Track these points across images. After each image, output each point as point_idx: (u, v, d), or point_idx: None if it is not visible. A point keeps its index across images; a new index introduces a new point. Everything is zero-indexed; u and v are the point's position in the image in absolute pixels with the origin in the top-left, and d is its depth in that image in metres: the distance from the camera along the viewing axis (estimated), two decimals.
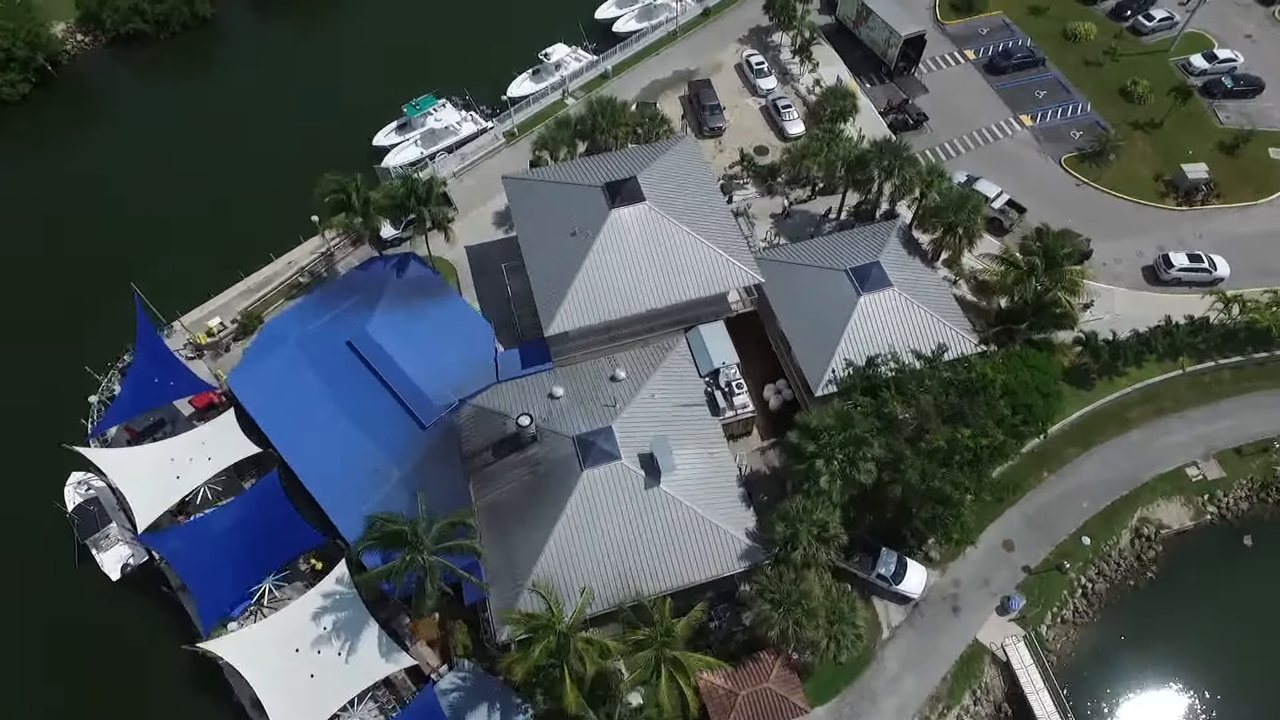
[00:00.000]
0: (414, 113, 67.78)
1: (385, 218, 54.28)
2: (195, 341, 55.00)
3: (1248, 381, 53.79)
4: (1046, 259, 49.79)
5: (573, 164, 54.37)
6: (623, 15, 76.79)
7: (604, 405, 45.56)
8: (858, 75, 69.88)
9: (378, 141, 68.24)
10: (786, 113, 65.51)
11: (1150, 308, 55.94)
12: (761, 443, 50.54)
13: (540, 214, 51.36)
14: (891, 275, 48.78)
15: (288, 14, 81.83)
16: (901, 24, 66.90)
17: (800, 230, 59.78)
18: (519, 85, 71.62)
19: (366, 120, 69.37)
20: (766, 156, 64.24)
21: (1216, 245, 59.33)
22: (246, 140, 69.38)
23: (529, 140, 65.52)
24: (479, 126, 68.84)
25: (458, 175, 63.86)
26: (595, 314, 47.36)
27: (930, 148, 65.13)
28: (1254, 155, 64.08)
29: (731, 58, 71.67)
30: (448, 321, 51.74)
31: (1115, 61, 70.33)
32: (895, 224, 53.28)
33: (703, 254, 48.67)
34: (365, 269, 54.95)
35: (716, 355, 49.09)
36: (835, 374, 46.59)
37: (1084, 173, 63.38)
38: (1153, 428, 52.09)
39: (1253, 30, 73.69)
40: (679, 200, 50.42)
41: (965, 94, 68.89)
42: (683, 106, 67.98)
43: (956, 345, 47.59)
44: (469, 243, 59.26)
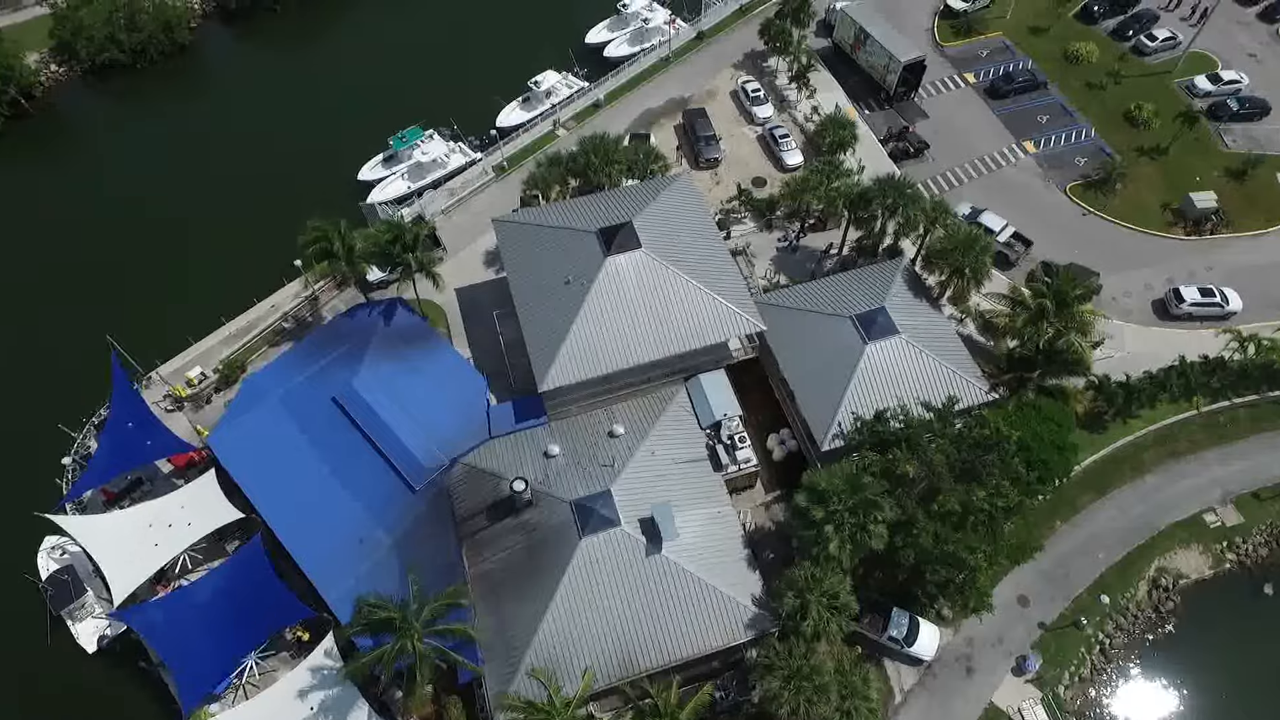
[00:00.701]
0: (400, 145, 65.72)
1: (371, 264, 52.19)
2: (175, 394, 52.84)
3: (1264, 421, 52.27)
4: (1057, 301, 48.09)
5: (565, 205, 52.41)
6: (614, 39, 74.93)
7: (602, 465, 43.65)
8: (856, 101, 68.17)
9: (363, 176, 66.13)
10: (784, 143, 63.70)
11: (1161, 345, 54.39)
12: (765, 496, 48.74)
13: (532, 260, 49.38)
14: (898, 321, 47.03)
15: (269, 41, 79.60)
16: (900, 49, 65.18)
17: (801, 266, 58.02)
18: (509, 114, 69.70)
19: (351, 152, 67.25)
20: (764, 189, 62.46)
21: (1227, 276, 57.85)
22: (227, 174, 67.10)
23: (519, 173, 63.68)
24: (468, 158, 66.81)
25: (446, 213, 61.81)
26: (591, 368, 45.44)
27: (932, 176, 63.50)
28: (1263, 180, 62.63)
29: (726, 84, 69.83)
30: (437, 373, 49.69)
31: (1118, 84, 68.80)
32: (900, 263, 51.55)
33: (702, 302, 46.80)
34: (350, 316, 52.81)
35: (718, 407, 47.22)
36: (842, 428, 44.80)
37: (1090, 202, 61.78)
38: (1168, 471, 50.52)
39: (1256, 49, 72.30)
40: (676, 245, 48.55)
41: (966, 119, 67.24)
42: (677, 136, 66.10)
43: (967, 394, 45.98)
44: (459, 284, 57.26)
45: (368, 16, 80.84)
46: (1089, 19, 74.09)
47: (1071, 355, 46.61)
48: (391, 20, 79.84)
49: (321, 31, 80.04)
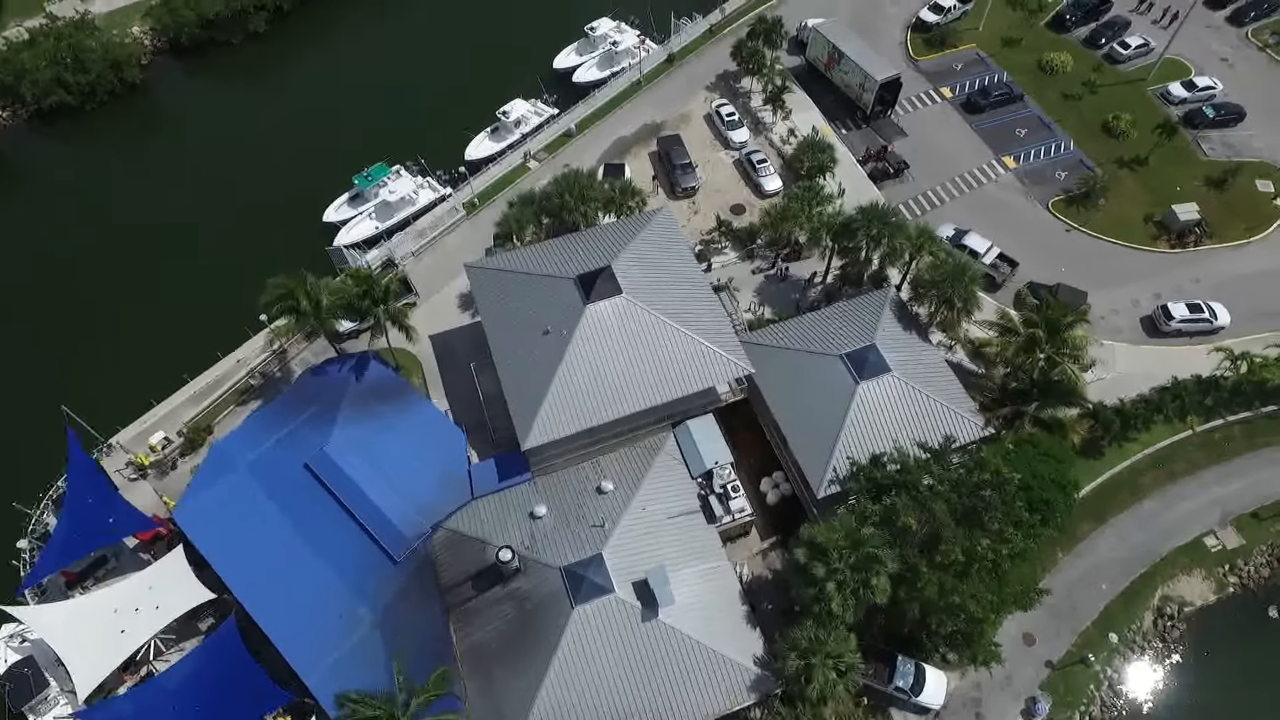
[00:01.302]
0: (366, 184, 63.34)
1: (340, 319, 49.89)
2: (137, 462, 50.26)
3: (1259, 437, 51.62)
4: (1049, 328, 47.03)
5: (541, 247, 50.47)
6: (583, 64, 73.08)
7: (592, 526, 41.87)
8: (833, 120, 66.90)
9: (329, 217, 63.68)
10: (762, 168, 62.21)
11: (1153, 363, 53.62)
12: (761, 543, 47.18)
13: (509, 309, 47.46)
14: (889, 358, 45.69)
15: (225, 77, 76.74)
16: (876, 68, 63.98)
17: (785, 297, 56.57)
18: (477, 146, 67.63)
19: (315, 192, 64.76)
20: (744, 216, 60.99)
21: (1213, 289, 57.27)
22: (184, 220, 64.34)
23: (491, 210, 61.63)
24: (437, 194, 64.61)
25: (417, 254, 59.62)
26: (575, 421, 43.60)
27: (913, 197, 62.38)
28: (1242, 188, 62.20)
29: (700, 107, 68.25)
30: (415, 431, 47.59)
31: (1094, 94, 68.15)
32: (887, 294, 50.24)
33: (688, 347, 45.14)
34: (320, 373, 50.54)
35: (708, 455, 45.63)
36: (837, 473, 43.36)
37: (1073, 217, 60.97)
38: (1166, 494, 49.70)
39: (1228, 53, 72.00)
40: (658, 287, 46.87)
41: (945, 136, 66.20)
42: (652, 164, 64.37)
43: (962, 430, 44.80)
44: (433, 330, 55.08)
45: (327, 48, 78.35)
46: (1061, 28, 73.46)
47: (1067, 385, 45.51)
48: (352, 52, 77.49)
49: (280, 65, 77.36)
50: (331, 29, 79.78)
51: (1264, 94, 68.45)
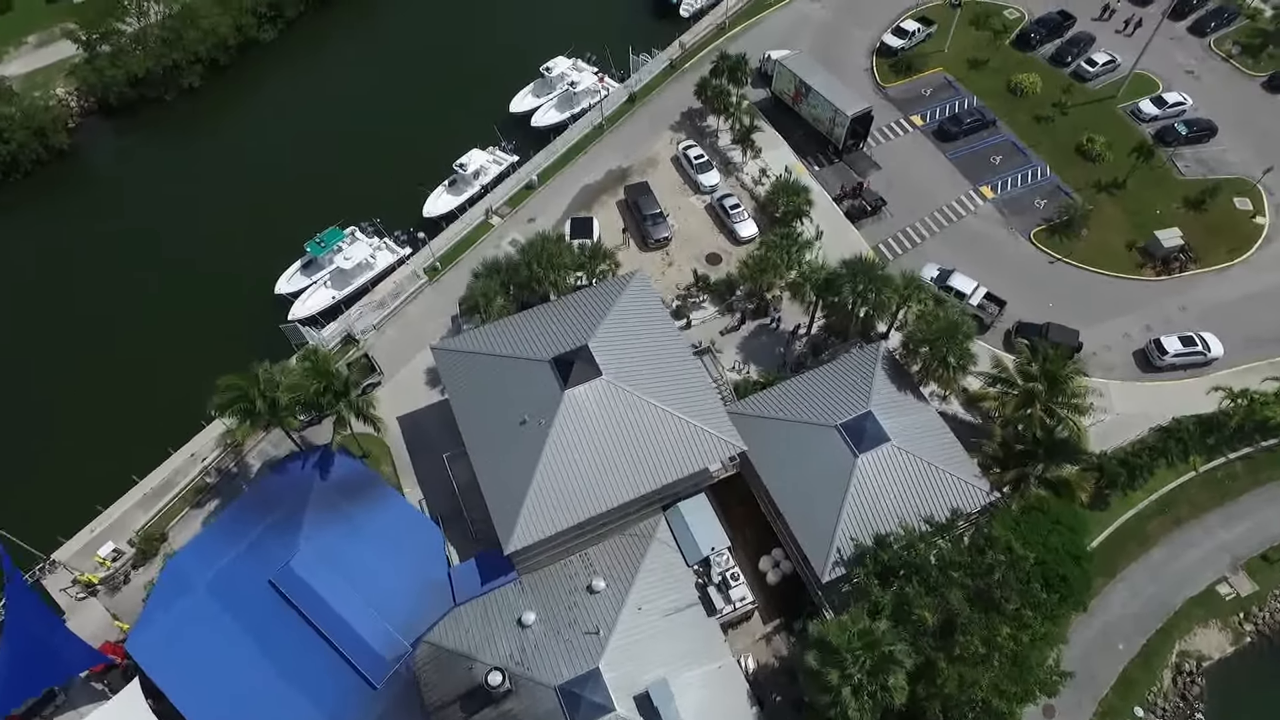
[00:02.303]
0: (319, 251, 59.63)
1: (299, 418, 46.27)
2: (84, 581, 46.19)
3: (1261, 473, 50.41)
4: (1048, 381, 45.21)
5: (511, 322, 47.29)
6: (540, 105, 70.01)
7: (585, 633, 38.92)
8: (804, 156, 64.68)
9: (281, 289, 59.76)
10: (736, 213, 59.70)
11: (1150, 401, 52.18)
12: (764, 627, 44.60)
13: (480, 396, 44.32)
14: (887, 425, 43.42)
15: (160, 137, 72.17)
16: (846, 102, 61.84)
17: (769, 351, 54.14)
18: (436, 201, 64.22)
19: (264, 261, 60.78)
20: (721, 265, 58.47)
21: (1202, 316, 56.06)
22: (122, 299, 60.05)
23: (455, 274, 58.45)
24: (396, 256, 61.14)
25: (378, 328, 56.07)
26: (560, 519, 40.58)
27: (893, 234, 60.38)
28: (1221, 208, 61.21)
29: (666, 149, 65.56)
30: (388, 531, 44.19)
31: (1065, 114, 66.83)
32: (878, 351, 47.91)
33: (676, 429, 42.40)
34: (282, 471, 46.85)
35: (704, 540, 42.97)
36: (841, 554, 40.97)
37: (1055, 247, 59.45)
38: (1174, 541, 48.23)
39: (1193, 65, 71.23)
40: (639, 363, 44.07)
41: (919, 167, 64.32)
42: (621, 214, 61.54)
43: (967, 499, 42.71)
44: (400, 411, 51.73)
45: (268, 102, 74.21)
46: (1026, 46, 72.09)
47: (1071, 442, 43.70)
48: (295, 105, 73.37)
49: (218, 122, 72.96)
50: (271, 81, 75.72)
51: (1232, 106, 67.76)
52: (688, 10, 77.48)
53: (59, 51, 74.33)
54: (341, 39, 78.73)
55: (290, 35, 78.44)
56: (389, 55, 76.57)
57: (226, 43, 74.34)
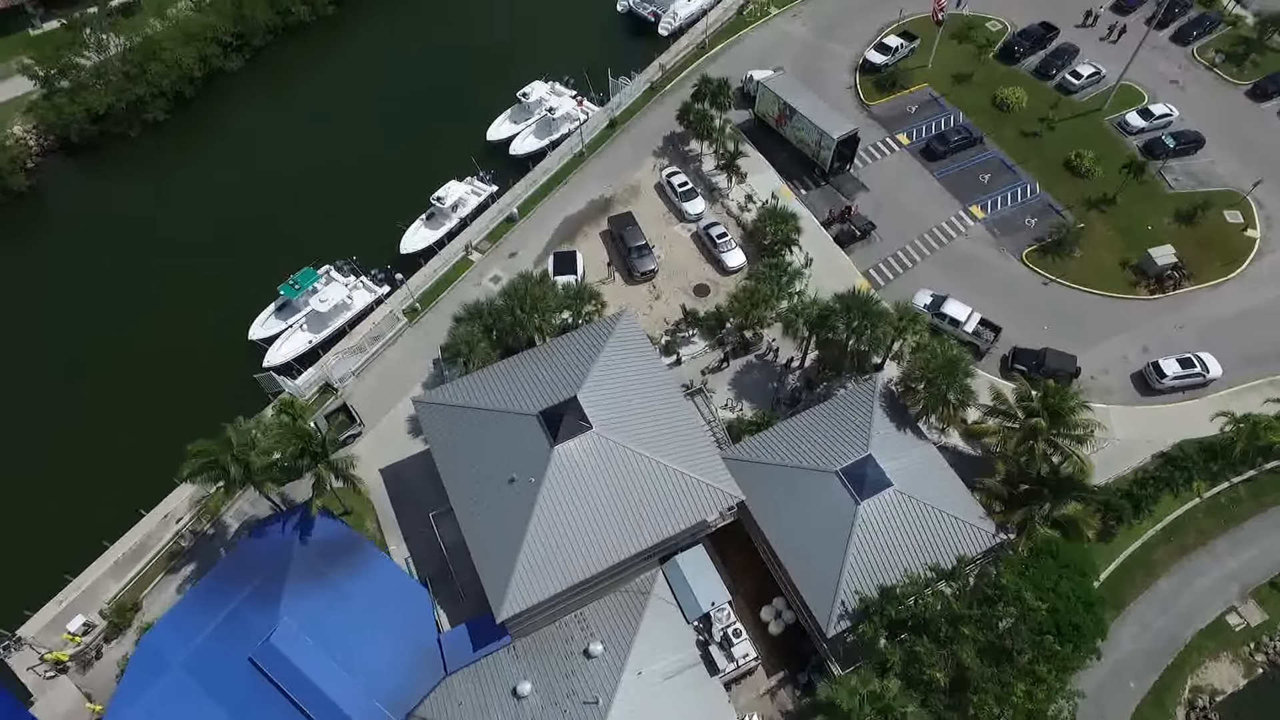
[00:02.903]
0: (294, 294, 57.49)
1: (272, 488, 44.04)
2: (52, 659, 43.91)
3: (1264, 495, 49.61)
4: (1051, 415, 44.07)
5: (496, 371, 45.49)
6: (519, 133, 68.21)
7: (585, 702, 37.30)
8: (790, 180, 63.28)
9: (255, 334, 57.56)
10: (723, 243, 58.18)
11: (1150, 426, 51.24)
12: (768, 681, 43.08)
13: (466, 452, 42.50)
14: (888, 468, 42.09)
15: (124, 175, 69.53)
16: (831, 124, 60.51)
17: (761, 387, 52.70)
18: (414, 236, 62.19)
19: (236, 306, 58.63)
20: (709, 297, 56.96)
21: (1198, 334, 55.23)
22: (89, 345, 57.69)
23: (434, 314, 56.65)
24: (373, 295, 59.18)
25: (357, 374, 54.07)
26: (554, 582, 38.82)
27: (883, 259, 59.10)
28: (1213, 222, 60.43)
29: (649, 176, 63.95)
30: (374, 596, 42.25)
31: (1052, 129, 65.87)
32: (875, 386, 46.59)
33: (671, 481, 40.80)
34: (260, 534, 44.80)
35: (703, 595, 41.45)
36: (846, 607, 39.55)
37: (1048, 268, 58.42)
38: (1181, 571, 47.28)
39: (1177, 74, 70.54)
40: (630, 413, 42.45)
41: (907, 188, 63.12)
42: (605, 246, 59.87)
43: (973, 543, 41.44)
44: (383, 463, 49.80)
45: (237, 136, 71.73)
46: (1010, 59, 71.13)
47: (1076, 478, 42.57)
48: (264, 138, 70.94)
49: (186, 157, 70.55)
50: (239, 113, 73.35)
51: (1218, 116, 67.12)
52: (666, 29, 75.96)
53: (15, 88, 71.70)
54: (311, 67, 76.52)
55: (258, 64, 76.14)
56: (360, 83, 74.50)
57: (191, 75, 71.95)
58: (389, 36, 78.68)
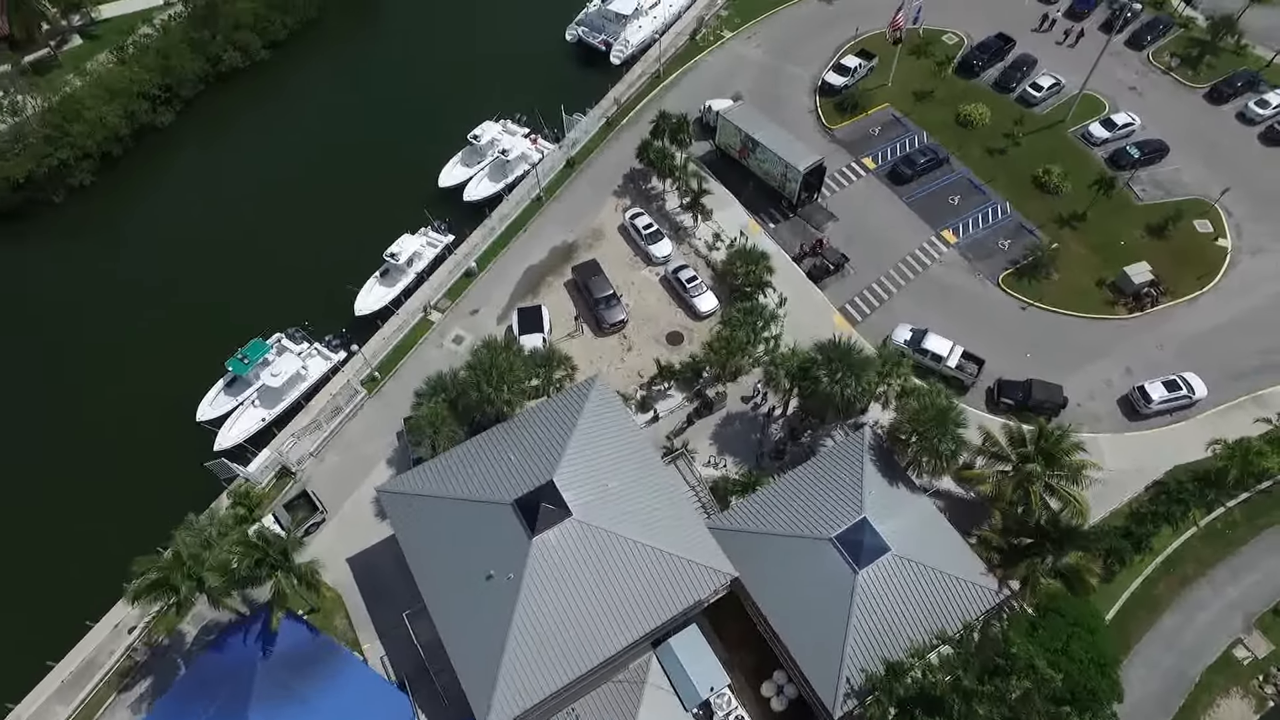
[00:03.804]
0: (244, 369, 54.03)
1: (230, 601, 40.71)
2: None
3: (1259, 518, 48.72)
4: (1045, 459, 42.63)
5: (465, 453, 42.67)
6: (472, 177, 65.24)
7: None
8: (757, 214, 61.29)
9: (203, 416, 53.86)
10: (693, 287, 55.96)
11: (1141, 453, 50.24)
12: None
13: (438, 546, 39.74)
14: (884, 530, 40.22)
15: (49, 243, 64.38)
16: (796, 156, 58.64)
17: (744, 437, 50.61)
18: (368, 296, 58.97)
19: (181, 385, 54.78)
20: (683, 345, 54.74)
21: (1179, 352, 54.45)
22: (19, 433, 53.42)
23: (395, 382, 53.66)
24: (330, 363, 55.87)
25: (316, 454, 50.81)
26: (541, 685, 36.27)
27: (858, 293, 57.39)
28: (1184, 233, 59.81)
29: (612, 217, 61.47)
30: (349, 707, 39.20)
31: (1017, 145, 64.85)
32: (863, 439, 44.70)
33: (659, 564, 38.49)
34: (220, 647, 41.36)
35: (701, 680, 39.19)
36: (851, 684, 37.57)
37: (1025, 292, 57.24)
38: (1183, 604, 46.17)
39: (1135, 80, 70.10)
40: (610, 492, 39.98)
41: (877, 215, 61.53)
42: (571, 295, 57.28)
43: (976, 603, 39.79)
44: (351, 551, 46.70)
45: (171, 195, 67.27)
46: (969, 73, 70.04)
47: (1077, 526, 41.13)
48: (201, 197, 66.56)
49: (117, 221, 66.17)
50: (172, 170, 69.17)
51: (1179, 122, 66.73)
52: (619, 58, 73.49)
53: None
54: (247, 117, 72.52)
55: (190, 117, 71.98)
56: (301, 131, 70.72)
57: (118, 133, 67.73)
58: (329, 80, 74.97)
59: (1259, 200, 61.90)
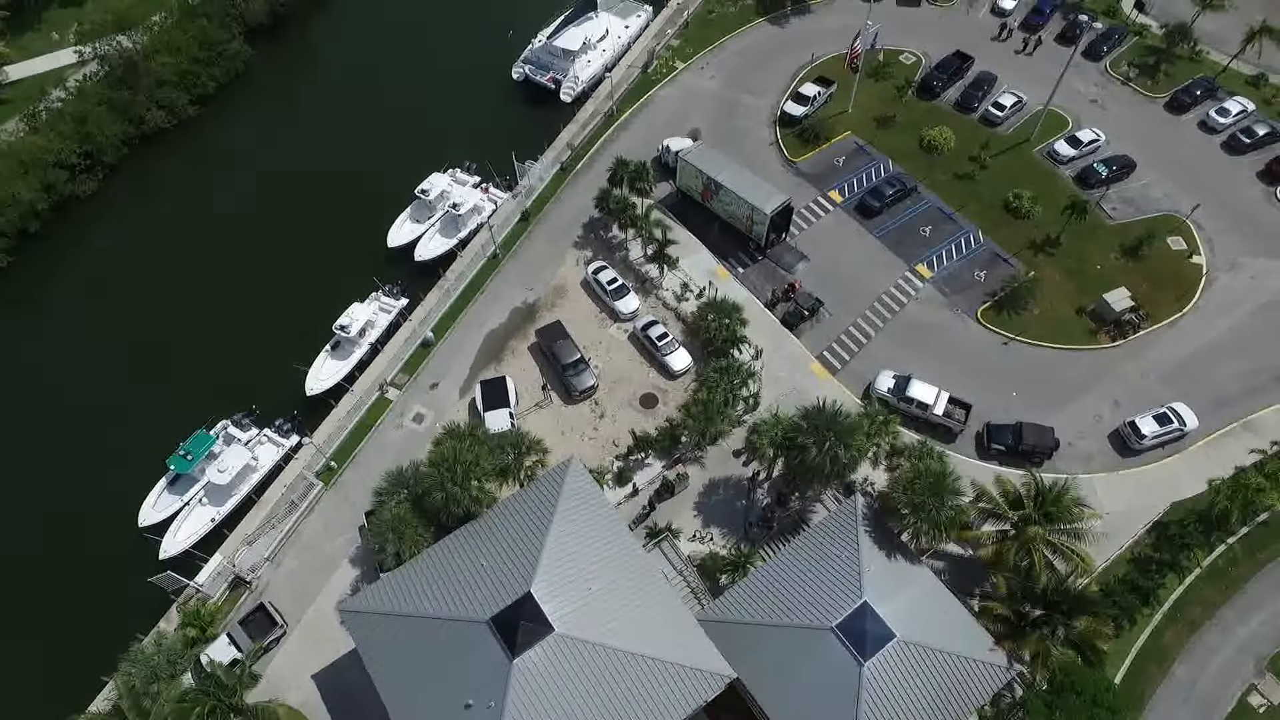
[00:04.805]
0: (186, 466, 50.06)
1: None
2: None
3: (1260, 550, 47.43)
4: (1046, 517, 40.76)
5: (432, 559, 39.37)
6: (423, 234, 61.77)
7: None
8: (725, 259, 58.68)
9: (145, 519, 49.77)
10: (665, 344, 53.12)
11: (1136, 492, 48.74)
12: None
13: (410, 670, 36.40)
14: (887, 614, 37.86)
15: None
16: (761, 198, 56.14)
17: (729, 505, 48.03)
18: (319, 372, 55.27)
19: (119, 484, 50.70)
20: (658, 407, 51.99)
21: (1165, 379, 53.07)
22: None
23: (355, 470, 50.19)
24: (282, 450, 52.15)
25: (271, 559, 47.04)
26: None
27: (836, 338, 55.12)
28: (1158, 252, 58.60)
29: (574, 272, 58.42)
30: None
31: (985, 169, 63.22)
32: (856, 509, 42.28)
33: (651, 673, 35.60)
34: None
35: None
36: None
37: (1006, 326, 55.49)
38: (1194, 653, 44.60)
39: (1095, 93, 69.01)
40: (594, 597, 36.98)
41: (848, 252, 59.35)
42: (536, 360, 54.15)
43: (987, 683, 37.68)
44: (315, 666, 43.18)
45: (97, 271, 62.08)
46: (930, 94, 68.23)
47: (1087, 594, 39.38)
48: (129, 273, 61.46)
49: (38, 304, 60.91)
50: (97, 245, 64.10)
51: (1142, 134, 65.64)
52: (569, 95, 70.45)
53: None
54: (177, 180, 67.72)
55: (115, 183, 67.13)
56: (235, 194, 65.87)
57: (35, 207, 62.90)
58: (263, 135, 70.41)
59: (1228, 212, 61.01)
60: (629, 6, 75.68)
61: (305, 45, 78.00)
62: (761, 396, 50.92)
